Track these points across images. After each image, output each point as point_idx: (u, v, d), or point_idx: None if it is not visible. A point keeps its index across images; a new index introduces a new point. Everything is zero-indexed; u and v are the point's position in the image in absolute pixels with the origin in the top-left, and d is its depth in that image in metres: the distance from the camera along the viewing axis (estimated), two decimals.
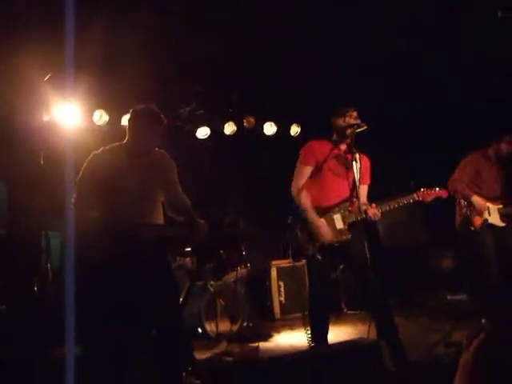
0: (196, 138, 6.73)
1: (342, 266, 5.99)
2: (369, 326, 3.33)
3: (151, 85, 5.96)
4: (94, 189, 3.12)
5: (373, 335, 3.25)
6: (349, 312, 6.13)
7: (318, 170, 3.68)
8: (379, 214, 3.61)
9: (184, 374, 3.64)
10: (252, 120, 6.83)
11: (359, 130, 3.54)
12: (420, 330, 4.66)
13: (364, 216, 3.52)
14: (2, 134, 4.61)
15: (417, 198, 3.72)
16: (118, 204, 3.04)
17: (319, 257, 3.50)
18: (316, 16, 5.01)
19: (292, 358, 2.29)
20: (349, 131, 3.62)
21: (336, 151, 3.72)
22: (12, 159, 4.52)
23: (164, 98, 6.31)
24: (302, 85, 6.07)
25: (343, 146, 3.76)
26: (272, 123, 6.95)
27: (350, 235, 3.53)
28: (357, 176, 3.49)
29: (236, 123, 6.78)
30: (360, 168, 3.56)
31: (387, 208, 3.64)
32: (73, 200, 3.16)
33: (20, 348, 3.97)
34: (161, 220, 3.37)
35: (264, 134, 6.96)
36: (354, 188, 3.57)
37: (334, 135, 3.78)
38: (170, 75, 5.84)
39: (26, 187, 4.72)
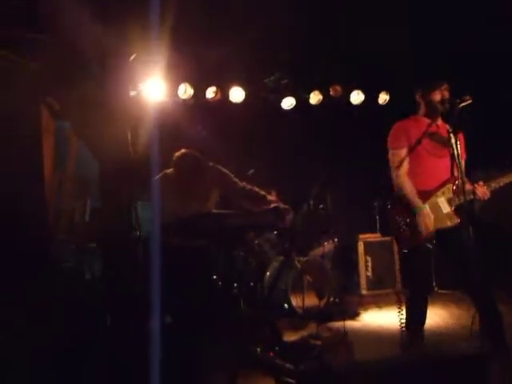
0: (281, 108, 6.58)
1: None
2: (472, 319, 3.12)
3: (235, 56, 5.87)
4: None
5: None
6: (440, 291, 5.87)
7: (411, 152, 3.35)
8: (489, 194, 3.30)
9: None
10: (338, 89, 6.56)
11: (464, 103, 3.19)
12: None
13: (472, 197, 3.25)
14: (93, 112, 4.71)
15: None
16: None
17: (430, 246, 3.26)
18: None
19: (383, 365, 2.13)
20: (447, 105, 3.31)
21: (432, 129, 3.41)
22: (102, 138, 4.62)
23: (249, 68, 6.21)
24: (390, 51, 5.71)
25: (440, 122, 3.46)
26: (359, 91, 6.62)
27: (458, 219, 3.24)
28: (457, 153, 3.18)
29: (322, 92, 6.54)
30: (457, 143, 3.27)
31: (497, 186, 3.31)
32: None
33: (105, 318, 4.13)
34: None
35: (351, 102, 6.67)
36: (454, 167, 3.27)
37: (425, 110, 3.46)
38: (254, 44, 5.68)
39: (116, 163, 4.86)
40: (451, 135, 3.23)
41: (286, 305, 5.01)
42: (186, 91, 5.89)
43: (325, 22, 5.30)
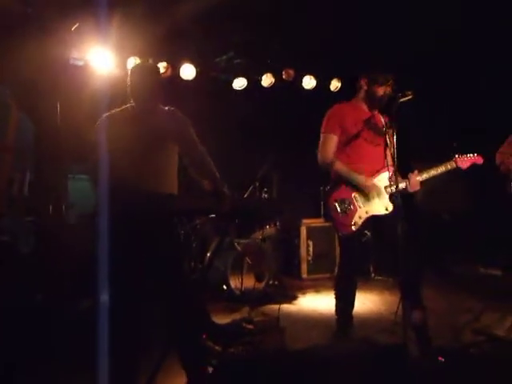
0: (233, 88, 6.53)
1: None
2: (398, 306, 3.20)
3: (188, 32, 5.75)
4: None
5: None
6: (376, 278, 6.03)
7: (349, 138, 3.42)
8: (419, 184, 3.42)
9: (204, 336, 3.65)
10: (291, 72, 6.55)
11: (404, 99, 3.19)
12: (448, 306, 4.50)
13: (405, 185, 3.37)
14: (31, 77, 4.56)
15: (454, 165, 3.52)
16: (121, 169, 2.83)
17: (367, 232, 3.31)
18: None
19: (310, 356, 2.17)
20: (385, 101, 3.38)
21: (370, 118, 3.47)
22: (41, 103, 4.50)
23: (201, 45, 6.10)
24: (345, 38, 5.72)
25: (376, 112, 3.51)
26: (312, 77, 6.65)
27: (393, 207, 3.32)
28: (393, 143, 3.23)
29: (274, 75, 6.52)
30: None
31: (427, 177, 3.45)
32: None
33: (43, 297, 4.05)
34: (171, 184, 3.09)
35: (303, 87, 6.68)
36: (388, 155, 3.30)
37: (364, 98, 3.51)
38: (208, 22, 5.58)
39: (52, 132, 4.77)
40: (387, 124, 3.29)
41: (224, 286, 5.04)
42: None
43: (282, 2, 5.24)
